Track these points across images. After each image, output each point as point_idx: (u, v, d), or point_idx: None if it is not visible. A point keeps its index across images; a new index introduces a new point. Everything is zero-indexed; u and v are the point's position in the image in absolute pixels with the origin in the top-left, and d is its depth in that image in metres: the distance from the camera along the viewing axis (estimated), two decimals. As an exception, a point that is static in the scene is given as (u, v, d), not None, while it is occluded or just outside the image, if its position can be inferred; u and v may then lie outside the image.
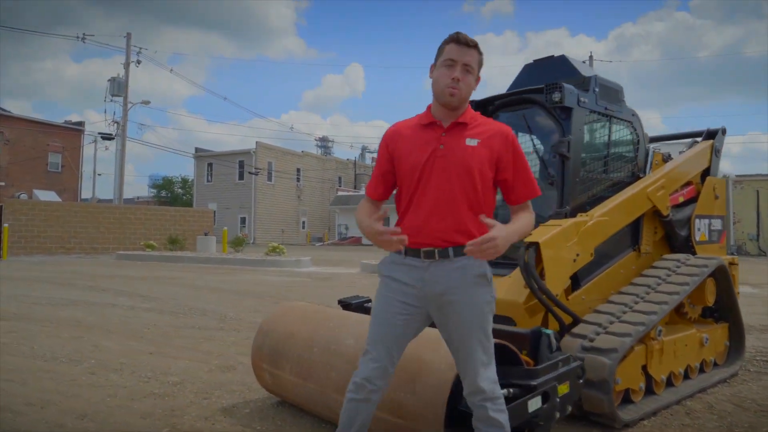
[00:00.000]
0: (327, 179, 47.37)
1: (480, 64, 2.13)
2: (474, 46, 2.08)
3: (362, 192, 46.22)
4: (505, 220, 2.09)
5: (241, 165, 40.39)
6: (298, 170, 43.42)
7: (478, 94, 4.10)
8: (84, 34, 30.11)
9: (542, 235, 3.32)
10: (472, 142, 2.10)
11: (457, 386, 2.46)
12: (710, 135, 5.06)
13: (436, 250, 2.05)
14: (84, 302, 8.27)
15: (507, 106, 4.18)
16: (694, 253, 4.48)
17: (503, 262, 4.18)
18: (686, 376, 4.01)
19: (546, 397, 2.68)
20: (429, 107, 2.19)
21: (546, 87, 3.79)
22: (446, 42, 2.10)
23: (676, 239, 4.47)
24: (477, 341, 2.07)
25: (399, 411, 2.57)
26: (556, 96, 3.74)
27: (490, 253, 1.88)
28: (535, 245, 3.25)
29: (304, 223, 44.62)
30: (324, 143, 54.71)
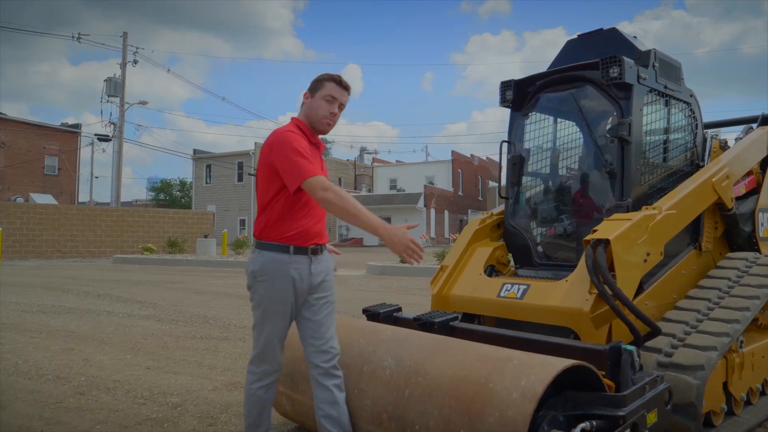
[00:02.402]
0: (327, 180, 46.62)
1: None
2: (348, 89, 2.44)
3: (363, 192, 45.89)
4: None
5: (240, 166, 39.80)
6: (298, 171, 42.78)
7: (518, 74, 3.60)
8: (80, 33, 29.48)
9: (610, 230, 2.81)
10: None
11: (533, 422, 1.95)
12: (766, 120, 4.58)
13: (321, 247, 2.45)
14: (78, 309, 7.75)
15: (551, 86, 3.67)
16: (758, 251, 3.99)
17: (545, 264, 3.69)
18: (762, 392, 3.51)
19: (635, 430, 2.18)
20: (305, 126, 2.41)
21: (602, 62, 3.28)
22: (327, 79, 2.39)
23: (739, 235, 3.97)
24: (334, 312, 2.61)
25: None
26: (614, 71, 3.23)
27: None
28: (605, 243, 2.74)
29: (304, 224, 43.85)
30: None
